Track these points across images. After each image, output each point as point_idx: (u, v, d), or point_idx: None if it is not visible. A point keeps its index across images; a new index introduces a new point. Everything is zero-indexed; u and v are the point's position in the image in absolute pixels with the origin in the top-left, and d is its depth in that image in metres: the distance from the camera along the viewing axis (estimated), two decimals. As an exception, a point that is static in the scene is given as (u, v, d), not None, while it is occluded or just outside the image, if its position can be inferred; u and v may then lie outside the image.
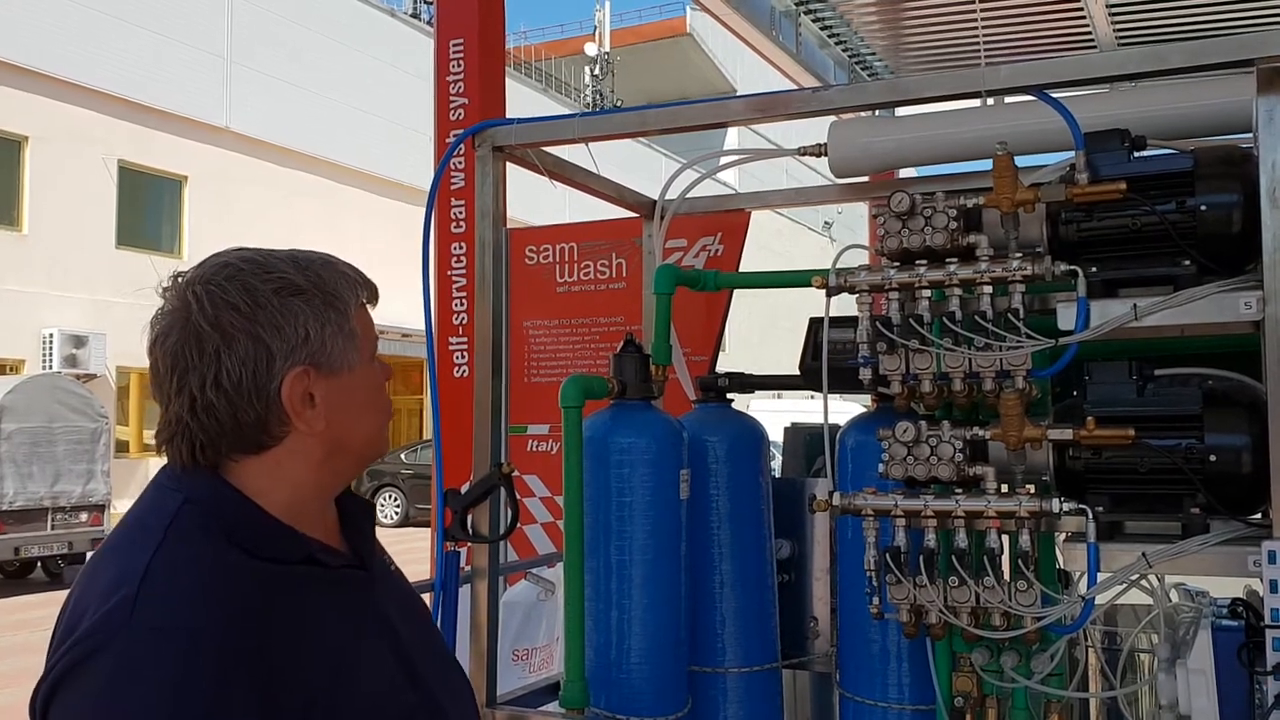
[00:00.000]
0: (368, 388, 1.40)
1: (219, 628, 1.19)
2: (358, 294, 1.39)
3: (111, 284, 19.45)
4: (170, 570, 1.22)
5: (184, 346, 1.31)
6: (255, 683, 1.18)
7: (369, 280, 1.43)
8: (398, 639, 1.42)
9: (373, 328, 1.43)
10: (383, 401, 1.44)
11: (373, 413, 1.41)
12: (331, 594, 1.35)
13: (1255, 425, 1.99)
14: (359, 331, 1.38)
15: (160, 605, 1.18)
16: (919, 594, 2.15)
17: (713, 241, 3.83)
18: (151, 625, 1.17)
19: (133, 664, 1.15)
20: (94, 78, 18.94)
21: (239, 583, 1.24)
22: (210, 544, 1.26)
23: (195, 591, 1.21)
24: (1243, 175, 2.02)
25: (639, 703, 2.54)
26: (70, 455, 13.46)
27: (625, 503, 2.55)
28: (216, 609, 1.20)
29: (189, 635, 1.17)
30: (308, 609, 1.30)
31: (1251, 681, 1.96)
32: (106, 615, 1.18)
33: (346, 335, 1.35)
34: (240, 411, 1.29)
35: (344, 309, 1.36)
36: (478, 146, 2.55)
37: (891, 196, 2.17)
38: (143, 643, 1.16)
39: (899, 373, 2.19)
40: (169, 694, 1.14)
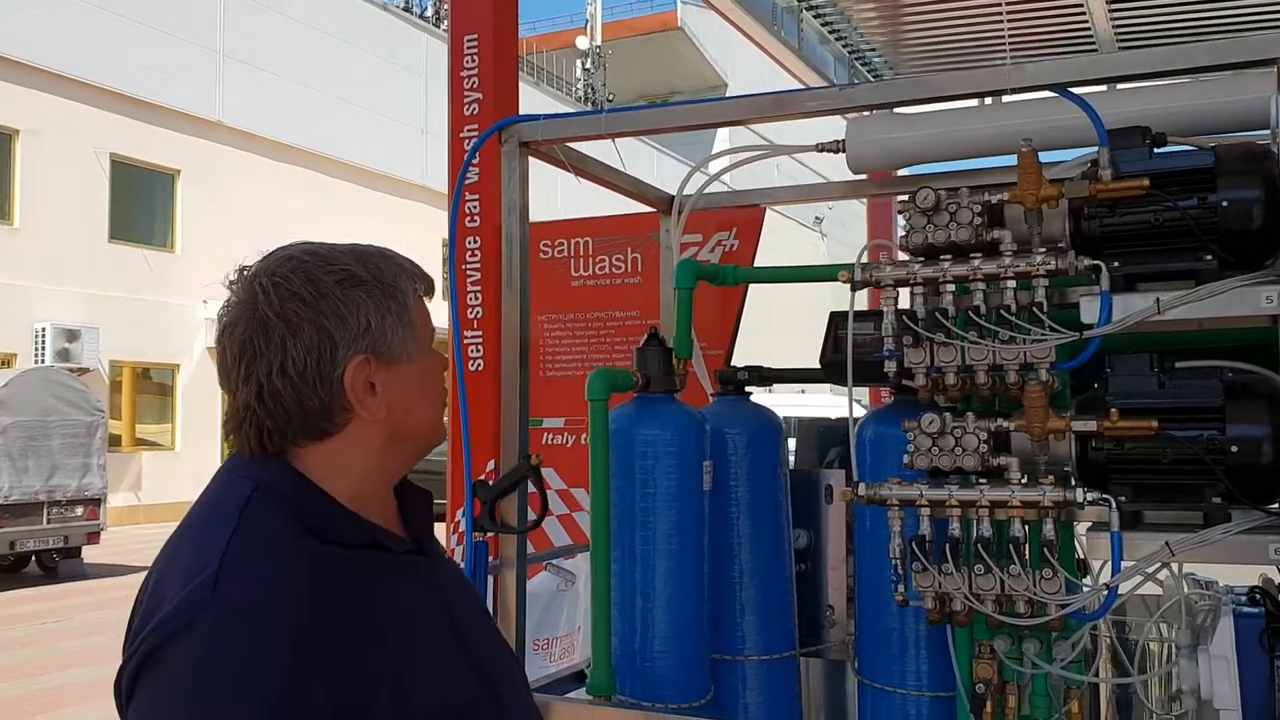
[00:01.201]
0: (425, 377, 1.44)
1: (296, 608, 1.23)
2: (415, 286, 1.44)
3: (104, 278, 19.42)
4: (247, 552, 1.26)
5: (251, 335, 1.35)
6: (330, 663, 1.22)
7: (426, 274, 1.47)
8: (458, 626, 1.46)
9: (429, 319, 1.47)
10: (439, 390, 1.48)
11: (430, 401, 1.46)
12: (396, 578, 1.39)
13: (1276, 416, 2.04)
14: (417, 322, 1.42)
15: (239, 586, 1.22)
16: (944, 582, 2.19)
17: (728, 236, 3.86)
18: (232, 606, 1.21)
19: (216, 645, 1.19)
20: (86, 71, 18.88)
21: (313, 564, 1.29)
22: (283, 527, 1.31)
23: (272, 573, 1.25)
24: (1263, 171, 2.06)
25: (663, 690, 2.58)
26: (66, 449, 13.44)
27: (649, 494, 2.60)
28: (293, 590, 1.24)
29: (268, 616, 1.21)
30: (375, 592, 1.34)
31: (1272, 666, 2.00)
32: (188, 597, 1.22)
33: (406, 325, 1.40)
34: (305, 398, 1.34)
35: (403, 300, 1.40)
36: (504, 142, 2.58)
37: (917, 193, 2.21)
38: (224, 624, 1.20)
39: (923, 365, 2.23)
40: (252, 673, 1.18)
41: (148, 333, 20.10)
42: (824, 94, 2.40)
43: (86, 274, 19.06)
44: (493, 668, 1.47)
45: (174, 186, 20.99)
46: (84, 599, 12.31)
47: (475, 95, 3.70)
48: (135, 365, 20.45)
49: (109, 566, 14.29)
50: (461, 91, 3.73)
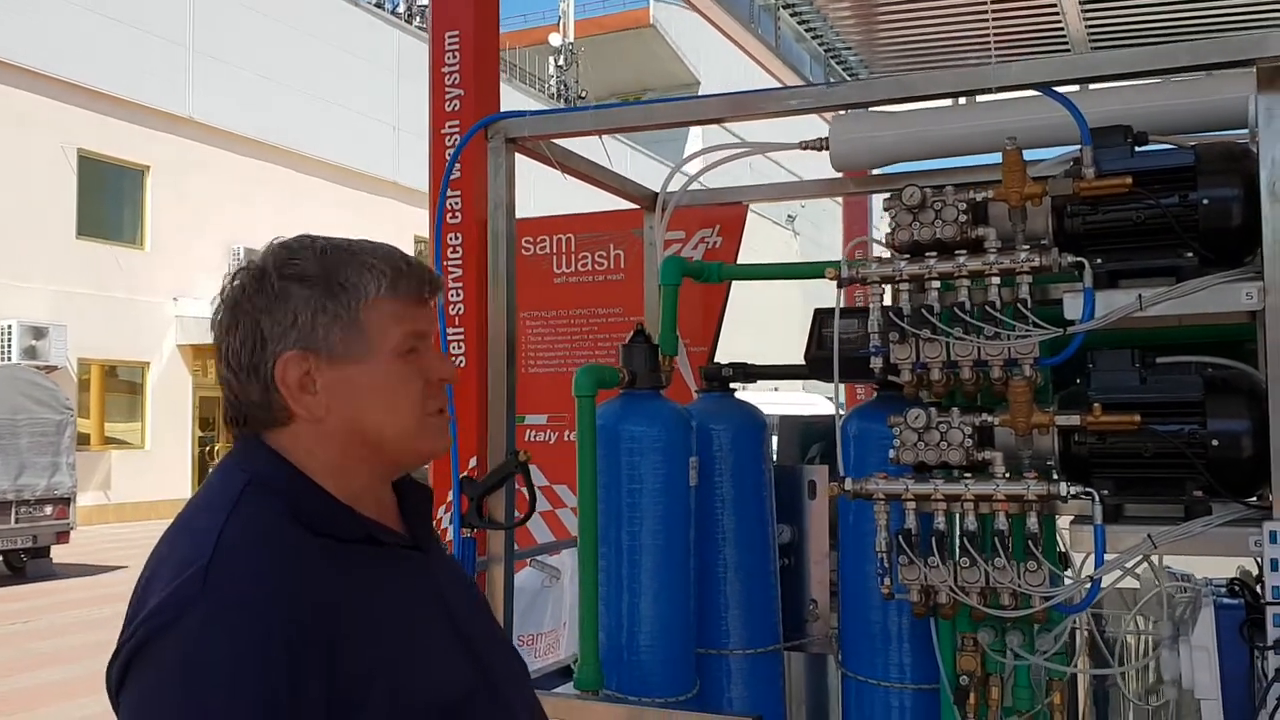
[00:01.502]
0: (385, 382, 1.38)
1: (290, 603, 1.23)
2: (379, 285, 1.38)
3: (72, 274, 19.21)
4: (239, 546, 1.26)
5: (217, 324, 1.41)
6: (324, 656, 1.22)
7: (410, 272, 1.40)
8: (454, 619, 1.46)
9: (404, 322, 1.40)
10: (410, 400, 1.40)
11: (394, 409, 1.39)
12: (390, 572, 1.39)
13: (1255, 411, 2.08)
14: (370, 323, 1.37)
15: (230, 580, 1.22)
16: (930, 575, 2.22)
17: (711, 234, 3.88)
18: (222, 600, 1.21)
19: (205, 638, 1.18)
20: (53, 65, 18.67)
21: (305, 558, 1.29)
22: (275, 520, 1.31)
23: (264, 566, 1.25)
24: (1243, 170, 2.10)
25: (649, 684, 2.60)
26: (34, 448, 13.29)
27: (636, 489, 2.61)
28: (286, 584, 1.24)
29: (259, 610, 1.21)
30: (368, 585, 1.34)
31: (1252, 656, 2.04)
32: (177, 590, 1.21)
33: (348, 325, 1.36)
34: (246, 388, 1.37)
35: (349, 300, 1.36)
36: (490, 138, 2.59)
37: (904, 190, 2.23)
38: (214, 617, 1.19)
39: (909, 361, 2.26)
40: (245, 669, 1.18)
41: (116, 330, 19.91)
42: (809, 92, 2.42)
43: (54, 270, 18.85)
44: (489, 659, 1.47)
45: (143, 182, 20.80)
46: (53, 599, 12.19)
47: (456, 92, 3.70)
48: (104, 363, 20.25)
49: (78, 566, 14.16)
50: (443, 88, 3.73)
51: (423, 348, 1.42)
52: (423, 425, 1.41)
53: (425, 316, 1.44)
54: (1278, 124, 2.00)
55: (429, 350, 1.43)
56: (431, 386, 1.42)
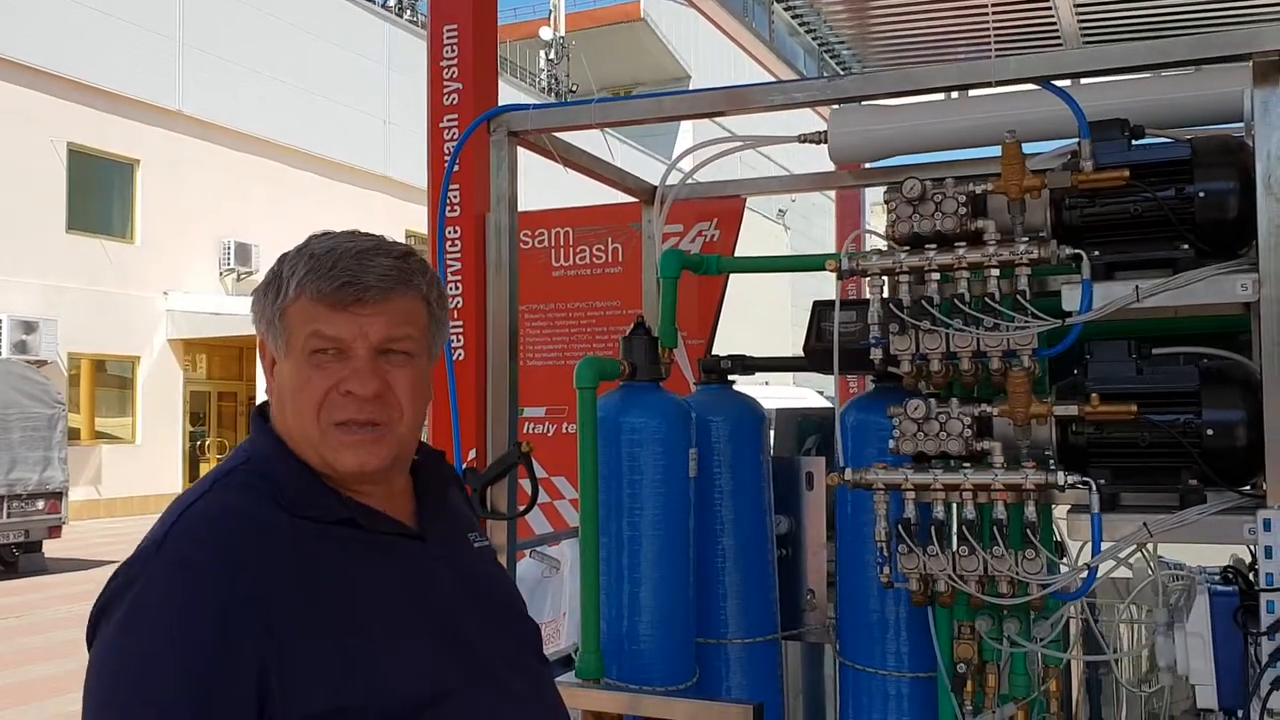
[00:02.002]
0: (290, 382, 1.41)
1: (231, 568, 1.29)
2: (298, 283, 1.40)
3: (62, 269, 19.15)
4: (202, 517, 1.35)
5: None
6: (263, 624, 1.27)
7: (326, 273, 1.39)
8: (447, 614, 1.45)
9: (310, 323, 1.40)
10: (305, 405, 1.40)
11: (297, 412, 1.41)
12: (368, 556, 1.41)
13: (1249, 401, 2.11)
14: (289, 321, 1.40)
15: (181, 544, 1.32)
16: (929, 563, 2.25)
17: (709, 227, 3.90)
18: (170, 560, 1.31)
19: (149, 594, 1.28)
20: (43, 59, 18.59)
21: (262, 532, 1.34)
22: (248, 497, 1.37)
23: (216, 535, 1.33)
24: (1239, 164, 2.13)
25: (649, 673, 2.62)
26: (26, 442, 13.26)
27: (636, 481, 2.63)
28: (231, 552, 1.31)
29: (199, 571, 1.29)
30: (335, 566, 1.36)
31: (1246, 642, 2.07)
32: (139, 553, 1.33)
33: (270, 322, 1.43)
34: None
35: (276, 296, 1.42)
36: (493, 131, 2.60)
37: (904, 183, 2.26)
38: (160, 575, 1.29)
39: (909, 352, 2.28)
40: (175, 620, 1.26)
41: (107, 325, 19.85)
42: (813, 85, 2.44)
43: (44, 265, 18.79)
44: (486, 656, 1.47)
45: (133, 176, 20.73)
46: (45, 594, 12.17)
47: (455, 86, 3.71)
48: (94, 357, 20.19)
49: (70, 561, 14.14)
50: (441, 82, 3.74)
51: (332, 353, 1.39)
52: (324, 435, 1.39)
53: (340, 321, 1.39)
54: (1273, 118, 2.03)
55: (343, 359, 1.39)
56: (334, 396, 1.39)
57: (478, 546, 1.63)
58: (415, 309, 1.45)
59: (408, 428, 1.43)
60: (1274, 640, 1.97)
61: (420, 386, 1.45)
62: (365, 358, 1.39)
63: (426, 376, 1.49)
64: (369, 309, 1.39)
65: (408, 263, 1.45)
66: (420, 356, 1.46)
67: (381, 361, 1.41)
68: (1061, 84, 2.30)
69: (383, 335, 1.40)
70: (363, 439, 1.39)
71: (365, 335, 1.39)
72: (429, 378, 1.50)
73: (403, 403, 1.42)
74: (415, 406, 1.44)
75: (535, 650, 1.63)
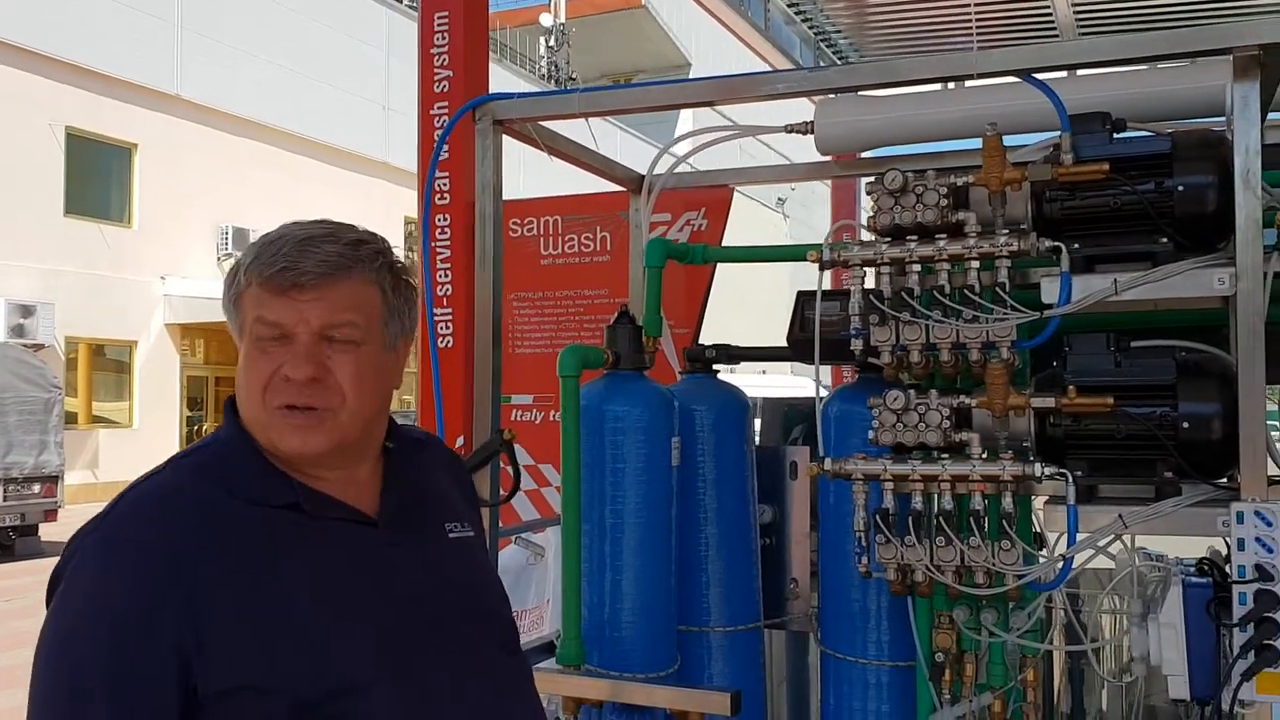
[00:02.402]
0: (241, 365, 1.45)
1: (155, 545, 1.34)
2: (246, 268, 1.44)
3: (60, 253, 19.12)
4: (143, 496, 1.40)
5: None
6: (185, 601, 1.30)
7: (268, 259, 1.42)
8: (397, 604, 1.45)
9: (254, 308, 1.42)
10: (251, 387, 1.43)
11: (246, 393, 1.44)
12: (310, 542, 1.42)
13: (1225, 394, 2.12)
14: (242, 306, 1.44)
15: (116, 522, 1.37)
16: (907, 553, 2.26)
17: (697, 216, 3.91)
18: (104, 536, 1.36)
19: (82, 567, 1.35)
20: (41, 42, 18.53)
21: (198, 513, 1.37)
22: (194, 480, 1.41)
23: (151, 513, 1.38)
24: (1218, 158, 2.13)
25: (630, 660, 2.63)
26: (22, 426, 13.26)
27: (619, 469, 2.64)
28: (161, 530, 1.35)
29: (127, 546, 1.34)
30: (272, 550, 1.38)
31: (1218, 634, 2.09)
32: (84, 528, 1.39)
33: (227, 306, 1.46)
34: None
35: (231, 283, 1.46)
36: (478, 120, 2.61)
37: (885, 174, 2.26)
38: (93, 549, 1.35)
39: (889, 343, 2.29)
40: (98, 591, 1.32)
41: (104, 309, 19.83)
42: (793, 76, 2.45)
43: (41, 249, 18.76)
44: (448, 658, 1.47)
45: (131, 161, 20.68)
46: (40, 577, 11.94)
47: (445, 73, 3.70)
48: (91, 342, 20.18)
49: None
50: (431, 69, 3.73)
51: (276, 338, 1.41)
52: (270, 418, 1.42)
53: (280, 306, 1.41)
54: (1251, 112, 2.04)
55: (286, 344, 1.41)
56: (277, 380, 1.41)
57: (454, 536, 1.61)
58: (363, 296, 1.45)
59: (351, 415, 1.43)
60: (1245, 631, 1.99)
61: (368, 374, 1.44)
62: (305, 343, 1.41)
63: (378, 364, 1.47)
64: (309, 295, 1.41)
65: (357, 250, 1.45)
66: (368, 344, 1.45)
67: (324, 347, 1.41)
68: (1058, 76, 2.30)
69: (323, 321, 1.41)
70: (303, 422, 1.41)
71: (306, 321, 1.41)
72: (384, 365, 1.49)
73: (345, 389, 1.42)
74: (361, 393, 1.43)
75: (505, 643, 1.61)
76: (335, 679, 1.35)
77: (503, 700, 1.55)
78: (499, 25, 32.19)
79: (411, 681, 1.41)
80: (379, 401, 1.49)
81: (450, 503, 1.66)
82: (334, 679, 1.35)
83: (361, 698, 1.36)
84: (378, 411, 1.50)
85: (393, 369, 1.52)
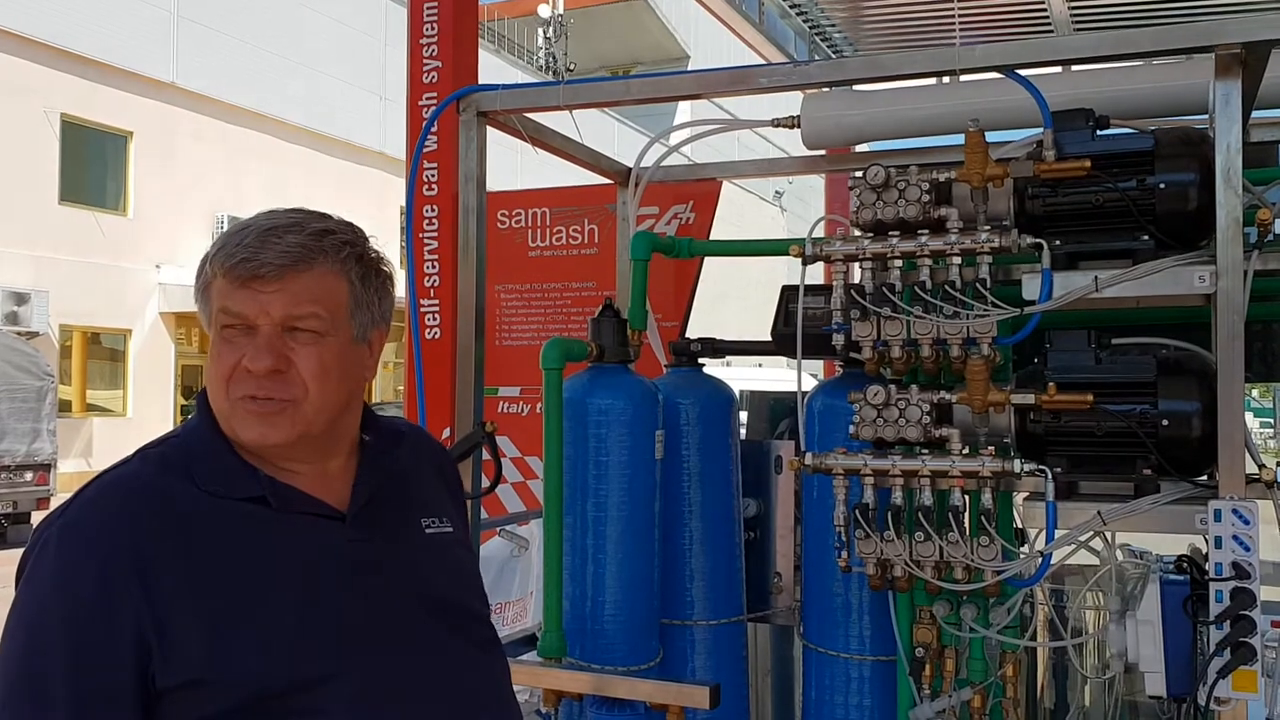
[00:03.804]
0: (209, 355, 1.46)
1: (115, 534, 1.34)
2: (214, 264, 1.43)
3: (54, 240, 19.06)
4: (107, 486, 1.40)
5: None
6: (143, 590, 1.31)
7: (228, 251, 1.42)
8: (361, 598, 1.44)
9: (217, 299, 1.43)
10: (215, 377, 1.44)
11: (211, 384, 1.45)
12: (272, 535, 1.41)
13: (1205, 392, 2.12)
14: (208, 299, 1.45)
15: (78, 509, 1.38)
16: (886, 548, 2.27)
17: (685, 210, 3.90)
18: (66, 522, 1.37)
19: (44, 553, 1.35)
20: (36, 29, 18.46)
21: (159, 503, 1.38)
22: (160, 470, 1.41)
23: (112, 502, 1.38)
24: (1199, 155, 2.13)
25: (612, 653, 2.64)
26: (15, 414, 13.25)
27: (602, 462, 2.64)
28: (121, 519, 1.36)
29: (85, 534, 1.35)
30: (231, 542, 1.38)
31: (1195, 631, 2.09)
32: (50, 515, 1.40)
33: (198, 297, 1.47)
34: None
35: (201, 273, 1.46)
36: (462, 111, 2.60)
37: (867, 170, 2.26)
38: (57, 537, 1.36)
39: (870, 339, 2.29)
40: (59, 577, 1.33)
41: (99, 297, 19.79)
42: (778, 71, 2.44)
43: (36, 236, 18.71)
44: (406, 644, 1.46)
45: (126, 148, 20.62)
46: (33, 565, 12.19)
47: (434, 64, 3.69)
48: (85, 330, 20.14)
49: (59, 532, 14.15)
50: (420, 59, 3.73)
51: (240, 329, 1.41)
52: (232, 408, 1.42)
53: (242, 298, 1.41)
54: (1233, 110, 2.04)
55: (249, 335, 1.41)
56: (240, 371, 1.40)
57: (430, 532, 1.59)
58: (328, 288, 1.44)
59: (315, 407, 1.42)
60: (1222, 629, 1.99)
61: (332, 365, 1.43)
62: (265, 334, 1.40)
63: (345, 355, 1.46)
64: (270, 286, 1.40)
65: (320, 240, 1.44)
66: (333, 335, 1.44)
67: (286, 339, 1.41)
68: (1050, 71, 2.30)
69: (284, 313, 1.40)
70: (263, 412, 1.41)
71: (267, 312, 1.40)
72: (351, 357, 1.47)
73: (306, 381, 1.41)
74: (324, 385, 1.42)
75: (479, 640, 1.59)
76: (293, 673, 1.35)
77: (475, 698, 1.53)
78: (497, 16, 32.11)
79: (372, 677, 1.41)
80: (345, 394, 1.47)
81: (429, 497, 1.64)
82: (292, 673, 1.35)
83: (319, 692, 1.36)
84: (344, 404, 1.48)
85: (363, 360, 1.51)
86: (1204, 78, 2.61)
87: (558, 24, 32.59)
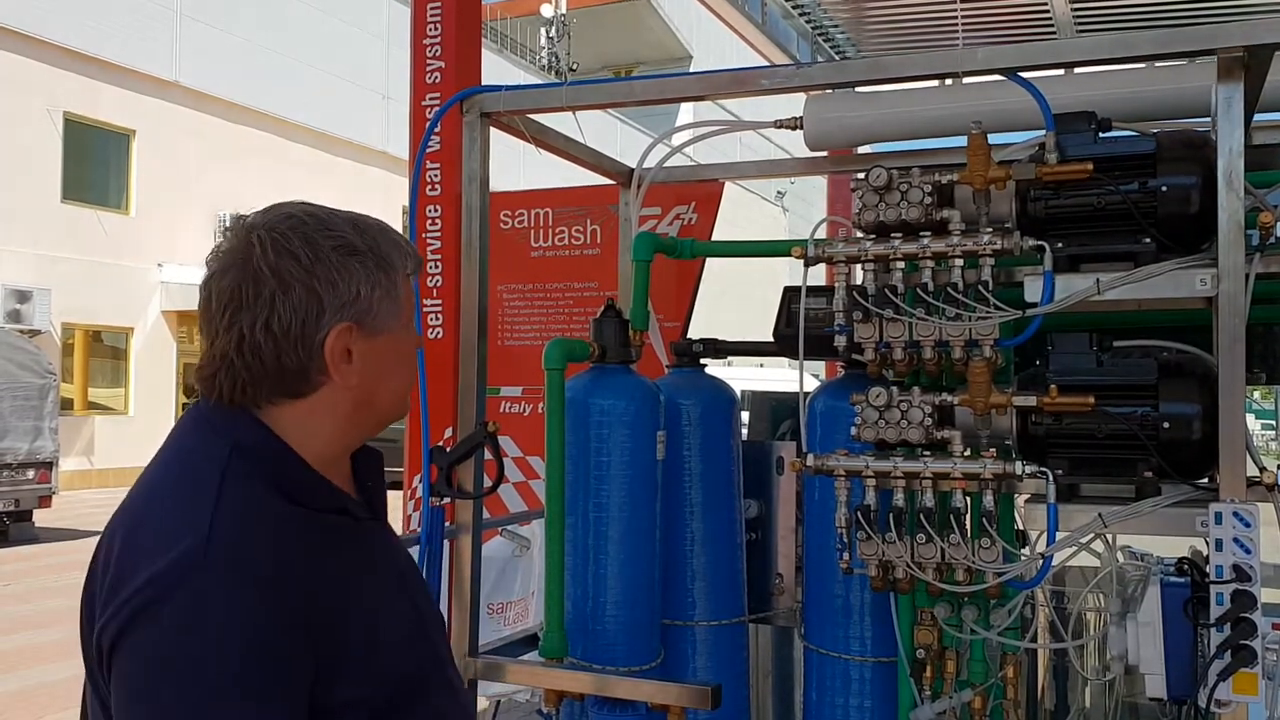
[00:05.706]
0: (400, 351, 1.46)
1: (284, 569, 1.26)
2: (406, 263, 1.45)
3: (56, 239, 19.09)
4: (236, 515, 1.28)
5: (241, 285, 1.34)
6: (307, 619, 1.26)
7: (417, 253, 1.50)
8: (415, 597, 1.51)
9: (412, 297, 1.51)
10: (411, 365, 1.52)
11: (402, 375, 1.48)
12: (359, 544, 1.42)
13: (1206, 395, 2.12)
14: (403, 297, 1.45)
15: (232, 548, 1.25)
16: (888, 550, 2.27)
17: (687, 210, 3.91)
18: (226, 565, 1.23)
19: (208, 601, 1.21)
20: (40, 27, 18.48)
21: (297, 528, 1.32)
22: (261, 490, 1.32)
23: (264, 535, 1.28)
24: (1201, 159, 2.13)
25: (613, 653, 2.64)
26: (17, 412, 13.24)
27: (604, 462, 2.65)
28: (280, 552, 1.28)
29: (259, 575, 1.24)
30: (344, 557, 1.37)
31: (1195, 633, 2.09)
32: (181, 556, 1.23)
33: (392, 300, 1.41)
34: (285, 356, 1.34)
35: (394, 275, 1.42)
36: (466, 112, 2.60)
37: (869, 172, 2.26)
38: (217, 582, 1.22)
39: (872, 340, 2.29)
40: (242, 629, 1.21)
41: (101, 295, 19.81)
42: (780, 72, 2.44)
43: (38, 234, 18.73)
44: (434, 633, 1.53)
45: (129, 147, 20.63)
46: (34, 563, 12.19)
47: (438, 64, 3.71)
48: (88, 328, 20.16)
49: (61, 530, 14.15)
50: (424, 59, 3.74)
51: None
52: (409, 389, 1.53)
53: None
54: (1234, 113, 2.04)
55: None
56: None
57: None
58: None
59: None
60: (1222, 632, 1.99)
61: None
62: None
63: None
64: None
65: None
66: None
67: None
68: (1054, 73, 2.30)
69: None
70: None
71: None
72: None
73: None
74: None
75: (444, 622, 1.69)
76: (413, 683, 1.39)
77: None
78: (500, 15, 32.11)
79: (445, 673, 1.49)
80: None
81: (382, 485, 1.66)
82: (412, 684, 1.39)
83: (428, 694, 1.42)
84: None
85: None
86: (1206, 81, 2.62)
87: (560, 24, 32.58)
